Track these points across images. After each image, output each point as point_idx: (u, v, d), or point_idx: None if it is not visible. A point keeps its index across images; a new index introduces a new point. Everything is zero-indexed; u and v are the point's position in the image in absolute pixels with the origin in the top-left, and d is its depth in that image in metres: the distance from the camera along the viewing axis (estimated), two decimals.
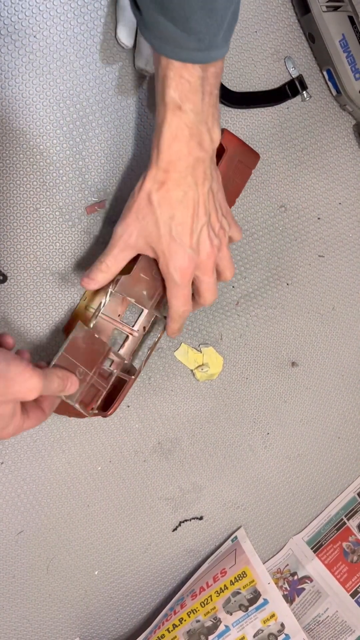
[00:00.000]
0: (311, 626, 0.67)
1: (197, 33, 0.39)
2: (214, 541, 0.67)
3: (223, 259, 0.50)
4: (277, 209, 0.64)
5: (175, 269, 0.47)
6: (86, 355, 0.51)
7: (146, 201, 0.45)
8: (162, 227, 0.45)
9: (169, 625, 0.61)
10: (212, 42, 0.40)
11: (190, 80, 0.41)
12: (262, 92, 0.62)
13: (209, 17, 0.39)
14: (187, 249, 0.46)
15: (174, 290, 0.48)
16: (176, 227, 0.45)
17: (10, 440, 0.58)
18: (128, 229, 0.47)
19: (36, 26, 0.53)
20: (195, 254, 0.47)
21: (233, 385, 0.65)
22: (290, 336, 0.67)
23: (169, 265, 0.47)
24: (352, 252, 0.68)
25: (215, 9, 0.39)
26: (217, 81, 0.43)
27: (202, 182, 0.45)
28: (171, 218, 0.45)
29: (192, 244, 0.46)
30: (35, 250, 0.57)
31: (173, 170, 0.44)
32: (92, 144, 0.57)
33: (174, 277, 0.47)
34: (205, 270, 0.48)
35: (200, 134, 0.43)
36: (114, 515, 0.63)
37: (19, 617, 0.61)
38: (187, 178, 0.44)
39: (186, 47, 0.40)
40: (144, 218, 0.46)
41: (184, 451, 0.64)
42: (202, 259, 0.47)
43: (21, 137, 0.54)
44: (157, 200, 0.45)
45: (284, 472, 0.69)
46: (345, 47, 0.60)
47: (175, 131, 0.43)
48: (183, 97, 0.42)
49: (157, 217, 0.45)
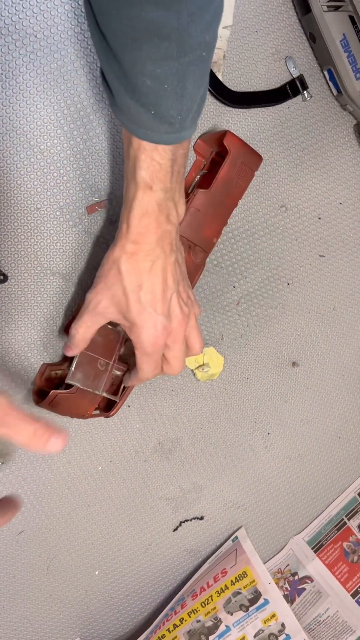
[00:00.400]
0: (312, 626, 0.67)
1: (169, 118, 0.40)
2: (215, 541, 0.67)
3: (192, 330, 0.50)
4: (278, 208, 0.64)
5: (147, 338, 0.47)
6: (104, 347, 0.52)
7: (115, 270, 0.46)
8: (130, 296, 0.46)
9: (170, 625, 0.61)
10: (182, 125, 0.41)
11: (161, 162, 0.42)
12: (262, 92, 0.62)
13: (179, 103, 0.40)
14: (158, 316, 0.46)
15: (145, 358, 0.48)
16: (145, 295, 0.45)
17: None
18: (97, 297, 0.47)
19: (36, 26, 0.53)
20: (168, 322, 0.47)
21: (234, 385, 0.65)
22: (291, 336, 0.67)
23: (141, 333, 0.46)
24: (353, 252, 0.68)
25: (186, 95, 0.40)
26: (185, 160, 0.45)
27: (169, 253, 0.46)
28: (139, 287, 0.45)
29: (164, 311, 0.46)
30: (36, 250, 0.57)
31: (142, 242, 0.45)
32: (93, 144, 0.57)
33: (145, 345, 0.47)
34: (176, 339, 0.48)
35: (168, 209, 0.45)
36: (115, 515, 0.63)
37: (20, 617, 0.61)
38: (156, 249, 0.45)
39: (157, 130, 0.41)
40: (113, 286, 0.46)
41: (184, 451, 0.64)
42: (174, 327, 0.47)
43: (22, 137, 0.54)
44: (126, 269, 0.45)
45: (285, 472, 0.69)
46: (346, 47, 0.60)
47: (146, 207, 0.44)
48: (154, 177, 0.43)
49: (125, 285, 0.45)
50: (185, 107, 0.40)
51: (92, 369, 0.52)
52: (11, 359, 0.57)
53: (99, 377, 0.53)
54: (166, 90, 0.39)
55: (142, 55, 0.37)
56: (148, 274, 0.45)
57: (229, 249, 0.63)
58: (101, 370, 0.53)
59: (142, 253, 0.45)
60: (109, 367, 0.53)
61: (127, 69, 0.38)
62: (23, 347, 0.57)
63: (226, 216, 0.57)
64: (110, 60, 0.39)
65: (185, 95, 0.40)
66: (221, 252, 0.63)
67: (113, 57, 0.39)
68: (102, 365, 0.53)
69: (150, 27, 0.36)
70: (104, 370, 0.53)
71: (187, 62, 0.38)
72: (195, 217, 0.55)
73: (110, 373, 0.53)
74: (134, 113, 0.40)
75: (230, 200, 0.56)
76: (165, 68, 0.37)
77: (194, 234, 0.55)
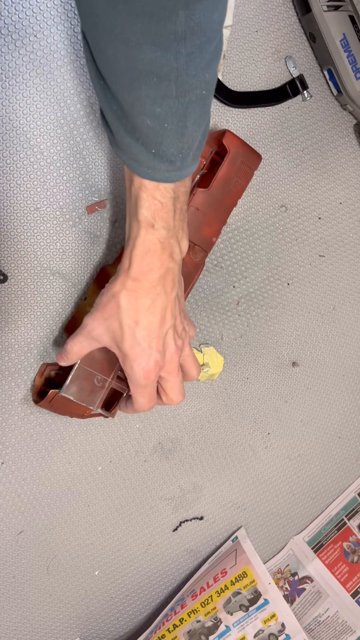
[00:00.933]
0: (312, 626, 0.67)
1: (169, 156, 0.40)
2: (215, 541, 0.67)
3: (187, 358, 0.51)
4: (278, 208, 0.64)
5: (139, 371, 0.47)
6: (102, 363, 0.52)
7: (114, 303, 0.46)
8: (125, 331, 0.46)
9: (170, 626, 0.61)
10: (183, 163, 0.41)
11: (163, 201, 0.42)
12: (262, 92, 0.62)
13: (180, 142, 0.40)
14: (152, 352, 0.47)
15: (138, 390, 0.49)
16: (141, 332, 0.46)
17: (11, 440, 0.58)
18: (94, 323, 0.48)
19: (36, 26, 0.53)
20: (161, 357, 0.48)
21: (234, 385, 0.65)
22: (291, 336, 0.67)
23: (133, 366, 0.47)
24: (353, 252, 0.68)
25: (187, 134, 0.39)
26: (186, 198, 0.45)
27: (170, 290, 0.46)
28: (135, 323, 0.46)
29: (159, 348, 0.47)
30: (36, 249, 0.57)
31: (144, 280, 0.45)
32: (93, 144, 0.57)
33: (137, 378, 0.47)
34: (171, 371, 0.49)
35: (172, 246, 0.45)
36: (115, 515, 0.63)
37: (19, 617, 0.61)
38: (157, 287, 0.45)
39: (158, 168, 0.41)
40: (110, 318, 0.46)
41: (184, 451, 0.64)
42: (167, 360, 0.48)
43: (22, 137, 0.54)
44: (125, 305, 0.45)
45: (285, 472, 0.69)
46: (346, 47, 0.60)
47: (148, 246, 0.44)
48: (156, 216, 0.43)
49: (122, 320, 0.46)
50: (186, 145, 0.40)
51: (89, 384, 0.52)
52: (11, 359, 0.57)
53: (94, 392, 0.52)
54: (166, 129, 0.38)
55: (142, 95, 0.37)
56: (146, 312, 0.45)
57: (229, 249, 0.63)
58: (97, 386, 0.52)
59: (142, 290, 0.45)
60: (107, 384, 0.53)
61: (127, 108, 0.38)
62: (23, 347, 0.57)
63: (226, 215, 0.57)
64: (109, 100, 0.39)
65: (185, 134, 0.39)
66: (221, 252, 0.63)
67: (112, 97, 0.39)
68: (99, 381, 0.52)
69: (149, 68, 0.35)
70: (100, 387, 0.52)
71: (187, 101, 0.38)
72: (194, 216, 0.55)
73: (107, 390, 0.53)
74: (134, 152, 0.40)
75: (229, 200, 0.56)
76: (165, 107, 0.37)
77: (193, 233, 0.55)
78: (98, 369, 0.52)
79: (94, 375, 0.52)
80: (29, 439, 0.59)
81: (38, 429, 0.59)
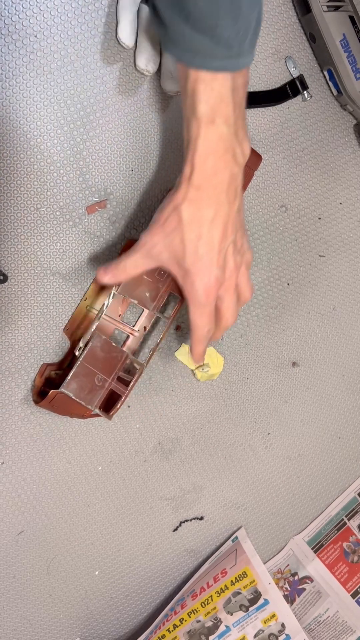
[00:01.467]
0: (312, 626, 0.67)
1: (226, 40, 0.39)
2: (215, 541, 0.67)
3: (242, 277, 0.49)
4: (278, 208, 0.64)
5: (200, 287, 0.46)
6: (104, 363, 0.52)
7: (175, 217, 0.44)
8: (188, 246, 0.44)
9: (170, 626, 0.61)
10: (240, 49, 0.40)
11: (222, 91, 0.40)
12: (262, 92, 0.62)
13: (235, 23, 0.39)
14: (213, 268, 0.45)
15: (199, 309, 0.47)
16: (203, 246, 0.44)
17: (11, 440, 0.58)
18: (153, 240, 0.46)
19: (36, 26, 0.53)
20: (221, 273, 0.46)
21: (234, 386, 0.65)
22: (291, 336, 0.67)
23: (195, 283, 0.45)
24: (353, 252, 0.68)
25: (241, 15, 0.38)
26: (245, 92, 0.43)
27: (233, 200, 0.44)
28: (198, 237, 0.44)
29: (220, 264, 0.45)
30: (36, 250, 0.57)
31: (206, 188, 0.43)
32: (93, 144, 0.57)
33: (198, 295, 0.46)
34: (228, 288, 0.47)
35: (233, 147, 0.42)
36: (115, 515, 0.63)
37: (20, 617, 0.61)
38: (220, 196, 0.43)
39: (215, 55, 0.39)
40: (171, 234, 0.45)
41: (184, 451, 0.64)
42: (227, 277, 0.47)
43: (22, 137, 0.54)
44: (187, 218, 0.43)
45: (285, 472, 0.69)
46: (346, 47, 0.60)
47: (210, 145, 0.41)
48: (216, 109, 0.41)
49: (184, 235, 0.44)
50: (241, 28, 0.39)
51: (89, 382, 0.52)
52: (11, 359, 0.57)
53: (94, 392, 0.52)
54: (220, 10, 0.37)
55: None
56: (209, 225, 0.43)
57: None
58: (97, 385, 0.52)
59: (205, 200, 0.43)
60: (106, 384, 0.53)
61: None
62: (23, 347, 0.57)
63: None
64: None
65: (240, 15, 0.38)
66: None
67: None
68: (99, 380, 0.52)
69: None
70: (100, 386, 0.52)
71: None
72: None
73: (107, 390, 0.53)
74: (189, 40, 0.39)
75: None
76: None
77: None
78: (99, 368, 0.52)
79: (94, 374, 0.52)
80: (29, 439, 0.59)
81: (38, 429, 0.59)
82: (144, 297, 0.53)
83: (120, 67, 0.56)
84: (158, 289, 0.53)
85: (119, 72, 0.56)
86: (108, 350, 0.52)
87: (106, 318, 0.56)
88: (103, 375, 0.52)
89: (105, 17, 0.55)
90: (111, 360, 0.53)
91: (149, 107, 0.58)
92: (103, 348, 0.52)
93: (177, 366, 0.63)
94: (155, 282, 0.53)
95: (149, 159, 0.59)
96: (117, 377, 0.54)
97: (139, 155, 0.58)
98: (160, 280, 0.53)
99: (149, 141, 0.59)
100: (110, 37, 0.56)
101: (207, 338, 0.50)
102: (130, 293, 0.52)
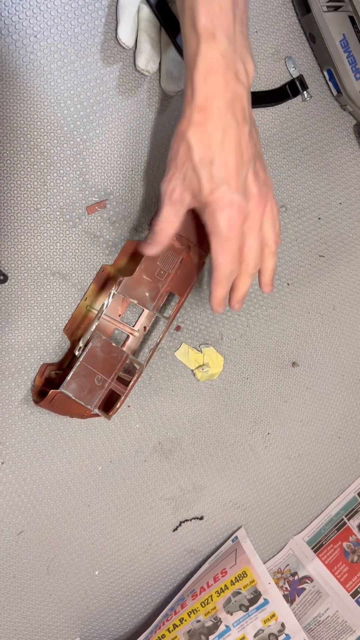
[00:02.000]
0: (312, 626, 0.67)
1: None
2: (215, 541, 0.67)
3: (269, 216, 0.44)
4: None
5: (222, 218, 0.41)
6: (104, 363, 0.52)
7: (184, 146, 0.41)
8: (202, 173, 0.41)
9: (170, 625, 0.61)
10: None
11: (221, 3, 0.38)
12: (262, 92, 0.62)
13: None
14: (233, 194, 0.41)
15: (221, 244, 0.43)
16: (218, 172, 0.40)
17: (11, 440, 0.58)
18: (171, 184, 0.43)
19: (36, 26, 0.53)
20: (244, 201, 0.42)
21: (233, 385, 0.65)
22: (291, 336, 0.67)
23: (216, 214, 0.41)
24: (353, 252, 0.68)
25: None
26: (246, 7, 0.41)
27: (242, 121, 0.40)
28: (210, 162, 0.40)
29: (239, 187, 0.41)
30: (36, 250, 0.57)
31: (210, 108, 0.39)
32: (93, 144, 0.57)
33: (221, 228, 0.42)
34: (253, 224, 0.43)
35: (236, 64, 0.40)
36: (115, 515, 0.63)
37: (20, 617, 0.61)
38: (227, 116, 0.40)
39: None
40: (183, 166, 0.41)
41: (184, 451, 0.64)
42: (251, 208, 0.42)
43: (22, 137, 0.54)
44: (195, 143, 0.40)
45: (285, 472, 0.69)
46: (345, 47, 0.60)
47: (211, 62, 0.39)
48: (215, 23, 0.39)
49: (195, 162, 0.40)
50: None
51: (89, 382, 0.52)
52: (11, 359, 0.57)
53: (93, 392, 0.52)
54: None
55: None
56: (220, 147, 0.40)
57: None
58: (97, 385, 0.52)
59: (211, 121, 0.40)
60: (106, 384, 0.53)
61: None
62: (23, 347, 0.57)
63: None
64: None
65: None
66: None
67: None
68: (99, 381, 0.52)
69: None
70: (99, 387, 0.53)
71: None
72: (194, 217, 0.55)
73: (106, 391, 0.53)
74: None
75: None
76: None
77: (193, 234, 0.55)
78: (99, 369, 0.52)
79: (94, 375, 0.52)
80: (29, 439, 0.59)
81: (38, 429, 0.59)
82: (143, 297, 0.53)
83: (120, 67, 0.56)
84: (158, 289, 0.53)
85: (119, 72, 0.56)
86: (108, 350, 0.52)
87: (106, 318, 0.56)
88: (103, 375, 0.53)
89: (105, 17, 0.55)
90: (111, 360, 0.53)
91: (149, 107, 0.58)
92: (103, 348, 0.52)
93: (177, 366, 0.63)
94: (155, 282, 0.53)
95: (149, 159, 0.59)
96: (117, 377, 0.54)
97: (139, 155, 0.58)
98: (160, 280, 0.53)
99: (149, 141, 0.59)
100: (110, 37, 0.56)
101: (229, 280, 0.46)
102: (130, 293, 0.52)
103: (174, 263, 0.54)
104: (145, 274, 0.53)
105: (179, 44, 0.56)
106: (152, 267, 0.53)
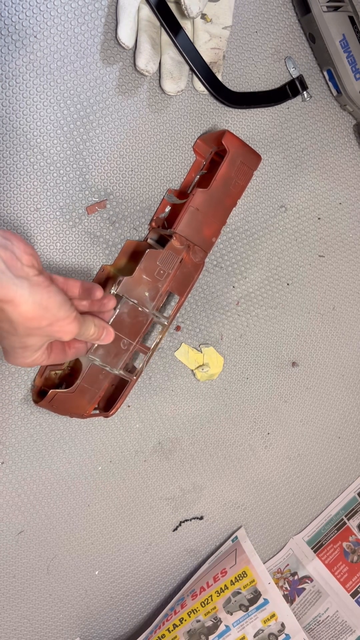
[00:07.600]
0: (311, 626, 0.67)
1: None
2: (215, 541, 0.67)
3: None
4: (278, 209, 0.64)
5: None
6: (130, 327, 0.53)
7: None
8: None
9: (170, 625, 0.61)
10: None
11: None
12: (262, 92, 0.62)
13: None
14: None
15: None
16: None
17: (11, 440, 0.58)
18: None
19: (36, 26, 0.53)
20: None
21: (233, 385, 0.65)
22: (291, 336, 0.67)
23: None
24: (352, 252, 0.68)
25: None
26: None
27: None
28: None
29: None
30: (36, 250, 0.57)
31: None
32: (93, 144, 0.57)
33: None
34: None
35: None
36: (115, 515, 0.63)
37: (20, 617, 0.61)
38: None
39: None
40: None
41: (184, 451, 0.64)
42: None
43: (22, 137, 0.54)
44: None
45: (285, 472, 0.69)
46: (345, 47, 0.60)
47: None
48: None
49: None
50: None
51: (115, 347, 0.53)
52: None
53: (119, 355, 0.53)
54: None
55: None
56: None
57: (229, 249, 0.63)
58: (123, 349, 0.53)
59: None
60: (131, 347, 0.54)
61: None
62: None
63: (225, 215, 0.57)
64: None
65: None
66: (221, 252, 0.63)
67: None
68: (124, 344, 0.53)
69: None
70: (125, 350, 0.54)
71: None
72: (194, 216, 0.55)
73: (131, 353, 0.54)
74: None
75: (229, 200, 0.56)
76: None
77: (193, 233, 0.55)
78: (125, 333, 0.53)
79: (120, 339, 0.53)
80: (29, 439, 0.59)
81: (38, 429, 0.59)
82: (143, 297, 0.53)
83: (119, 68, 0.56)
84: (158, 288, 0.54)
85: (119, 72, 0.56)
86: (134, 315, 0.53)
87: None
88: (129, 339, 0.54)
89: (105, 17, 0.55)
90: (137, 324, 0.54)
91: (149, 107, 0.58)
92: (130, 313, 0.53)
93: (177, 366, 0.63)
94: (154, 281, 0.53)
95: (149, 159, 0.59)
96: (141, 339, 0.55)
97: (139, 155, 0.58)
98: (159, 280, 0.53)
99: (149, 141, 0.59)
100: (110, 38, 0.56)
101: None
102: (129, 293, 0.52)
103: (173, 263, 0.54)
104: (145, 274, 0.53)
105: (179, 44, 0.56)
106: (151, 266, 0.53)
